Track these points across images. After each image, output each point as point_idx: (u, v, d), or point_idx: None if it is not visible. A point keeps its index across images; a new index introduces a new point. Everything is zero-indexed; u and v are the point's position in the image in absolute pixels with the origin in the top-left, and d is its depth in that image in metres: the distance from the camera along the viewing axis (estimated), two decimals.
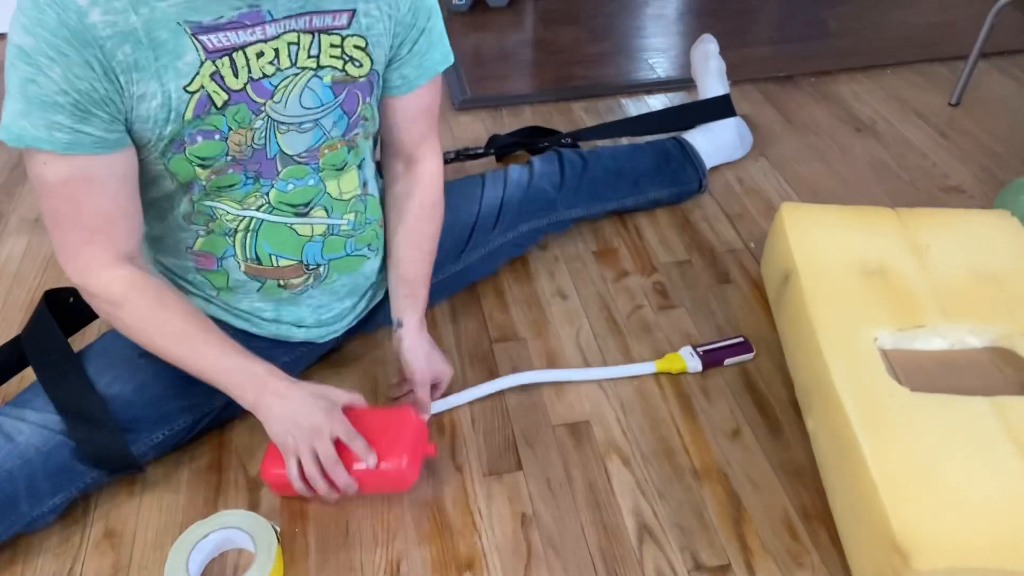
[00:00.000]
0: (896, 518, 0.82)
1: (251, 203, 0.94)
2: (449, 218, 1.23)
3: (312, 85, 0.90)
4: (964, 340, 1.06)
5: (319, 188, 0.98)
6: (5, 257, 1.40)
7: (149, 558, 0.95)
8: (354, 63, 0.92)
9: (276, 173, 0.94)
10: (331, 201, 1.00)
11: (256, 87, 0.87)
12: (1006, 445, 0.88)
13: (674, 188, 1.48)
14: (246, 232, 0.96)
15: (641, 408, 1.13)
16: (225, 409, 1.05)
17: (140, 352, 0.99)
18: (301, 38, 0.87)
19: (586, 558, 0.95)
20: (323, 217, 1.00)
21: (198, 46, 0.82)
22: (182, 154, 0.87)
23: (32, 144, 0.80)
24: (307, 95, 0.90)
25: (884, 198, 1.53)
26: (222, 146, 0.88)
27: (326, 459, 0.92)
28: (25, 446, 0.91)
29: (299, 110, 0.91)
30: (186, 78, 0.82)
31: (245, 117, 0.87)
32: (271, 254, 0.99)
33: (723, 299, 1.31)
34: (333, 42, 0.90)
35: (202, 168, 0.89)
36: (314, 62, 0.89)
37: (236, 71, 0.85)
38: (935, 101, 1.83)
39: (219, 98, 0.85)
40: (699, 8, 2.31)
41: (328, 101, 0.92)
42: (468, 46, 2.10)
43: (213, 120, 0.86)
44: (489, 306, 1.30)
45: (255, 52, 0.85)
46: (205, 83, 0.83)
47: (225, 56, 0.83)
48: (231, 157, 0.89)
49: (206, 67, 0.83)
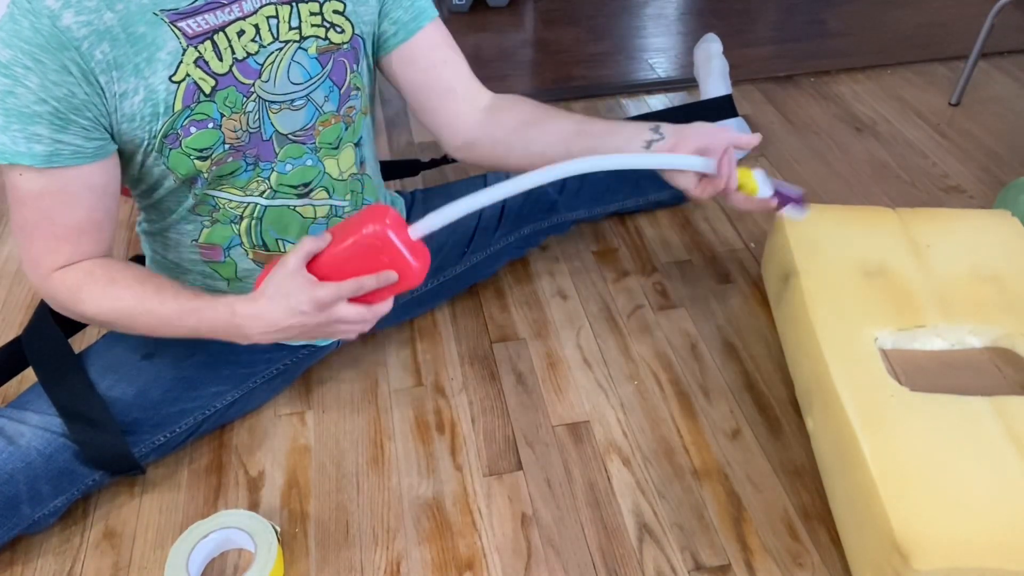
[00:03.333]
0: (896, 518, 0.82)
1: (253, 189, 0.94)
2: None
3: (298, 58, 0.90)
4: (964, 340, 1.06)
5: (318, 168, 0.98)
6: (5, 257, 1.40)
7: (149, 558, 0.95)
8: (335, 29, 0.92)
9: (275, 155, 0.93)
10: (331, 181, 1.00)
11: (242, 68, 0.86)
12: (1006, 445, 0.88)
13: (675, 189, 1.48)
14: (251, 219, 0.96)
15: (641, 408, 1.13)
16: (227, 411, 1.06)
17: (142, 355, 0.99)
18: (279, 10, 0.87)
19: (586, 558, 0.95)
20: (324, 198, 1.00)
21: (178, 34, 0.81)
22: (178, 148, 0.86)
23: (12, 160, 0.80)
24: (295, 69, 0.90)
25: (884, 198, 1.53)
26: (217, 134, 0.87)
27: (360, 319, 0.85)
28: (27, 449, 0.91)
29: (288, 86, 0.90)
30: (170, 68, 0.81)
31: (236, 100, 0.87)
32: (277, 239, 0.99)
33: (723, 299, 1.31)
34: (312, 10, 0.89)
35: (201, 160, 0.88)
36: (296, 34, 0.89)
37: (220, 54, 0.84)
38: (935, 101, 1.83)
39: (206, 84, 0.84)
40: (699, 8, 2.31)
41: (316, 73, 0.92)
42: (468, 46, 2.08)
43: (204, 108, 0.85)
44: (489, 306, 1.30)
45: (235, 31, 0.85)
46: (190, 71, 0.83)
47: (207, 40, 0.83)
48: (228, 145, 0.89)
49: (189, 54, 0.82)
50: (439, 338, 1.24)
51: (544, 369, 1.19)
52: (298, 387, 1.16)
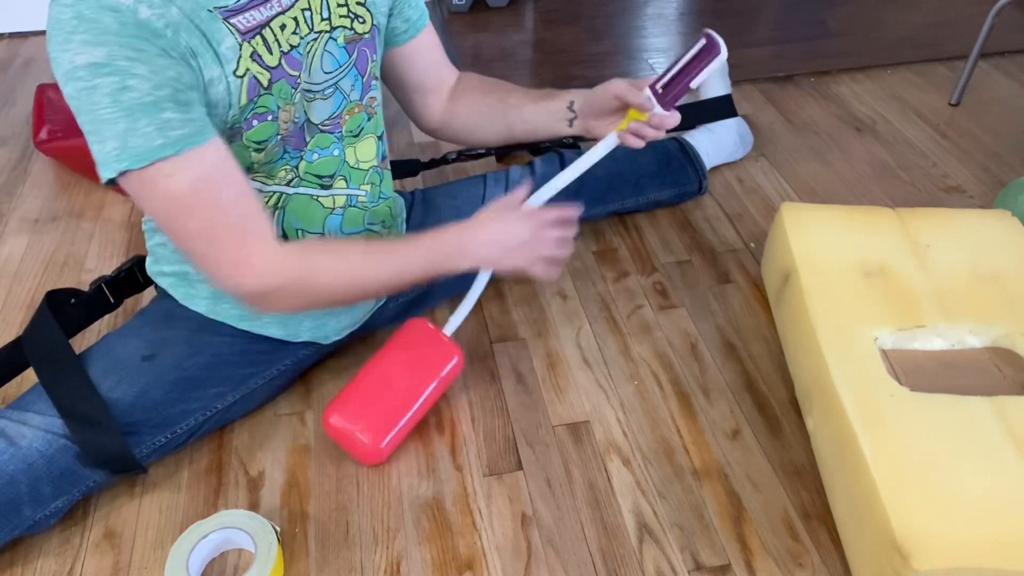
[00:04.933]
0: (896, 518, 0.82)
1: (281, 177, 0.95)
2: (451, 219, 1.23)
3: (329, 48, 0.92)
4: (964, 340, 1.06)
5: (341, 157, 0.99)
6: (5, 257, 1.40)
7: (149, 558, 0.95)
8: (359, 20, 0.95)
9: (305, 143, 0.95)
10: (349, 170, 1.01)
11: (288, 59, 0.88)
12: (1006, 445, 0.88)
13: (675, 189, 1.48)
14: (274, 209, 0.97)
15: (641, 408, 1.13)
16: (227, 411, 1.06)
17: (143, 356, 0.99)
18: (311, 2, 0.89)
19: (586, 558, 0.95)
20: (343, 188, 1.01)
21: (232, 30, 0.82)
22: (239, 141, 0.88)
23: (155, 156, 0.77)
24: (327, 59, 0.92)
25: (884, 198, 1.53)
26: (274, 126, 0.89)
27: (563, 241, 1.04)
28: (28, 450, 0.91)
29: (321, 76, 0.93)
30: (232, 63, 0.83)
31: (287, 92, 0.89)
32: (297, 228, 1.00)
33: (723, 299, 1.31)
34: (339, 1, 0.92)
35: (257, 152, 0.90)
36: (327, 24, 0.91)
37: (269, 47, 0.86)
38: (935, 101, 1.83)
39: (263, 77, 0.86)
40: (699, 8, 2.30)
41: (344, 61, 0.94)
42: (468, 46, 2.10)
43: (264, 101, 0.87)
44: (489, 306, 1.30)
45: (278, 25, 0.86)
46: (249, 65, 0.84)
47: (257, 35, 0.84)
48: (280, 136, 0.91)
49: (245, 49, 0.83)
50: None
51: (544, 369, 1.19)
52: (298, 387, 1.16)
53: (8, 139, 1.71)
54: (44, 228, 1.46)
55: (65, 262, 1.38)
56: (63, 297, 1.08)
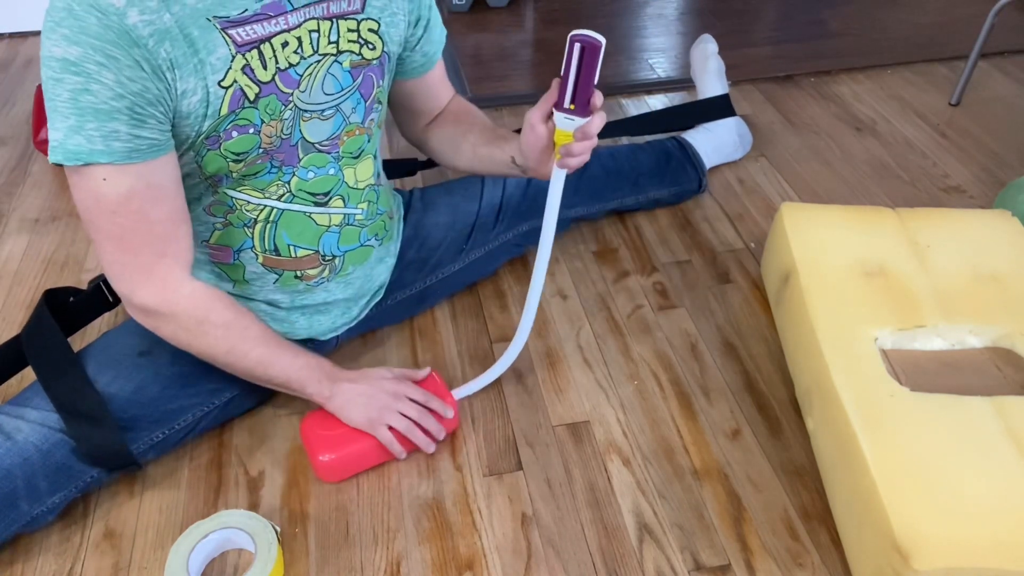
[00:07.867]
0: (896, 518, 0.82)
1: (273, 192, 0.95)
2: (449, 217, 1.23)
3: (333, 71, 0.92)
4: (964, 340, 1.06)
5: (338, 177, 1.00)
6: (5, 257, 1.40)
7: (149, 558, 0.95)
8: (368, 46, 0.95)
9: (297, 160, 0.95)
10: (348, 190, 1.01)
11: (284, 77, 0.88)
12: (1006, 445, 0.88)
13: (674, 188, 1.48)
14: (266, 223, 0.97)
15: (641, 408, 1.13)
16: (224, 408, 1.06)
17: (140, 351, 0.99)
18: (321, 25, 0.89)
19: (586, 558, 0.95)
20: (340, 207, 1.01)
21: (228, 41, 0.83)
22: (217, 150, 0.88)
23: (91, 159, 0.79)
24: (328, 81, 0.92)
25: (884, 198, 1.53)
26: (255, 139, 0.89)
27: (418, 415, 1.02)
28: (24, 444, 0.91)
29: (321, 97, 0.93)
30: (219, 73, 0.83)
31: (276, 108, 0.89)
32: (290, 244, 1.00)
33: (723, 299, 1.31)
34: (350, 27, 0.92)
35: (235, 163, 0.90)
36: (334, 48, 0.91)
37: (264, 63, 0.86)
38: (935, 101, 1.83)
39: (251, 91, 0.86)
40: (699, 8, 2.31)
41: (347, 85, 0.94)
42: (468, 46, 2.10)
43: (247, 114, 0.87)
44: (489, 306, 1.30)
45: (280, 42, 0.86)
46: (237, 77, 0.84)
47: (253, 49, 0.85)
48: (263, 149, 0.91)
49: (237, 61, 0.84)
50: (439, 337, 1.24)
51: (544, 369, 1.19)
52: None
53: (8, 139, 1.71)
54: (44, 228, 1.46)
55: (65, 262, 1.39)
56: (62, 296, 1.08)
